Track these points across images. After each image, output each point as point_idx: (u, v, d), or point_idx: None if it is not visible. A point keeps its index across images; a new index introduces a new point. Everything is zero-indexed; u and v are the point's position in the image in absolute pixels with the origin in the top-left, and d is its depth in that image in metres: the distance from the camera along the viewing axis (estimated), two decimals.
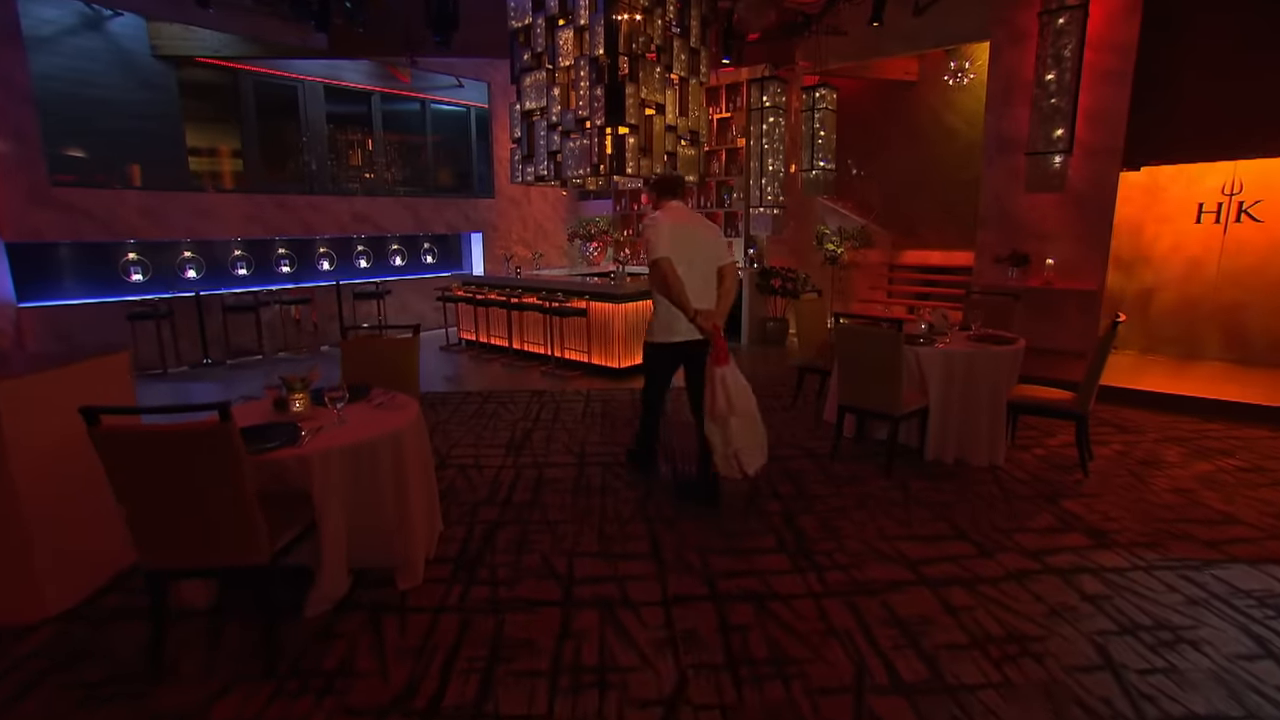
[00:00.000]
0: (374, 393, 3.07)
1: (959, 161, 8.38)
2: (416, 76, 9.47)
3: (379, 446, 2.55)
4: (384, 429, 2.59)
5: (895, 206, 9.15)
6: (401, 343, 3.48)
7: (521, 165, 7.34)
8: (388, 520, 2.68)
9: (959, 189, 8.44)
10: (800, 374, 5.23)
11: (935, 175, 7.89)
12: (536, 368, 7.06)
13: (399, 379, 3.40)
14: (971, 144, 8.49)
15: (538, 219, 10.75)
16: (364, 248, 9.20)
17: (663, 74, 6.78)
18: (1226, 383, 5.46)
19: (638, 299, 6.64)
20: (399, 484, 2.65)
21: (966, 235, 8.06)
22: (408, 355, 3.45)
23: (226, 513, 2.08)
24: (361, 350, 3.48)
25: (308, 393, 2.72)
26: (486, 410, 5.37)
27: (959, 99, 8.54)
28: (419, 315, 9.48)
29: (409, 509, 2.70)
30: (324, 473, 2.36)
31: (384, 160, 9.46)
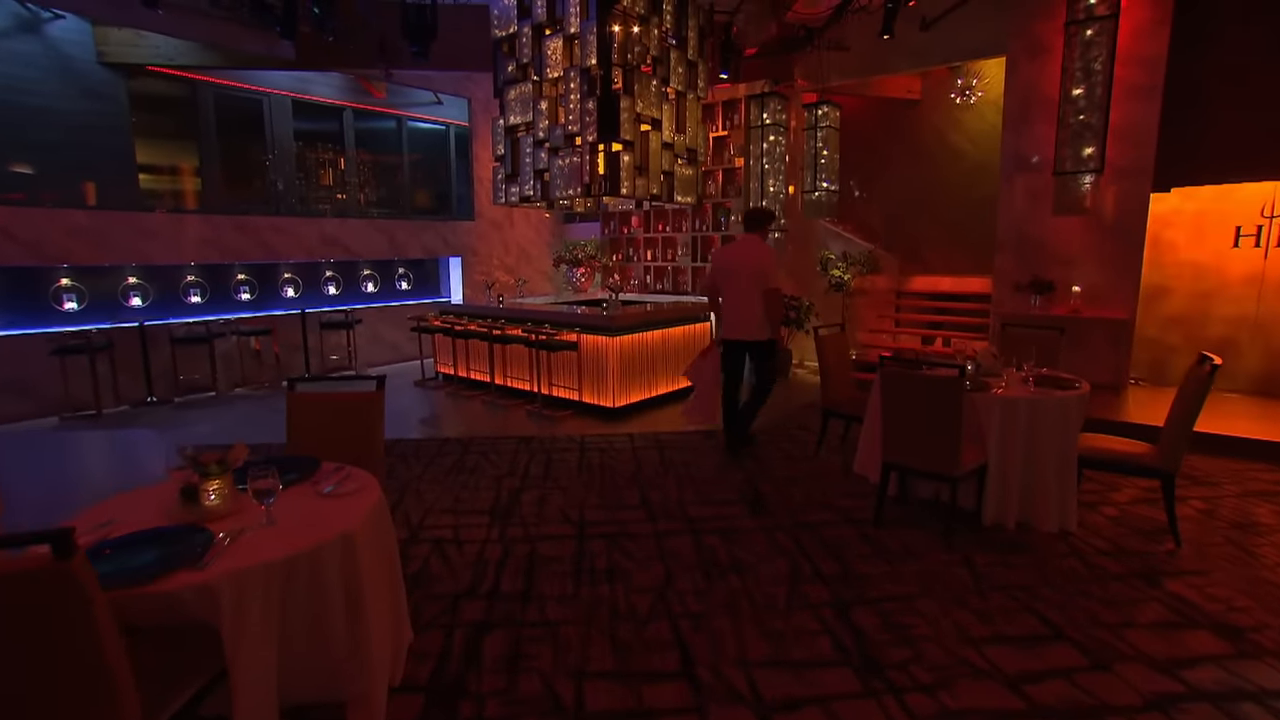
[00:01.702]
0: (323, 469, 2.37)
1: (965, 183, 7.96)
2: (392, 92, 8.85)
3: (323, 556, 1.85)
4: (330, 530, 1.89)
5: (898, 230, 8.68)
6: (361, 401, 2.79)
7: (505, 185, 6.74)
8: (337, 648, 1.97)
9: (966, 212, 8.01)
10: (825, 418, 4.62)
11: (940, 197, 7.46)
12: (522, 406, 6.37)
13: (358, 446, 2.71)
14: (979, 165, 8.07)
15: (520, 243, 10.13)
16: (333, 273, 8.50)
17: (659, 87, 6.25)
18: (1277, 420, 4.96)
19: (635, 330, 6.02)
20: (352, 602, 1.95)
21: (975, 260, 7.61)
22: (369, 416, 2.76)
23: (77, 688, 1.37)
24: (311, 409, 2.78)
25: (228, 476, 2.02)
26: (467, 463, 4.66)
27: (965, 118, 8.14)
28: (392, 346, 8.76)
29: (365, 631, 1.99)
30: (237, 605, 1.66)
31: (357, 180, 8.79)
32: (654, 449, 4.96)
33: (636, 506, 3.86)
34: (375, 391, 2.80)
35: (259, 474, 1.91)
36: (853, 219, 8.39)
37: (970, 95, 7.87)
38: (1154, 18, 5.18)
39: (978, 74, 7.85)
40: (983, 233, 7.82)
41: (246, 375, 7.32)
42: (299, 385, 2.82)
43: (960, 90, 7.96)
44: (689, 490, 4.12)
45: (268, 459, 2.32)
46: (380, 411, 2.79)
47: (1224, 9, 5.25)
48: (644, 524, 3.62)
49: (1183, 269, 6.06)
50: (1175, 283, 6.11)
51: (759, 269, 4.37)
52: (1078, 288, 5.72)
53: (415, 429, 5.65)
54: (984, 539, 3.38)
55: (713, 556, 3.24)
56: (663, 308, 6.73)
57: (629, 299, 8.03)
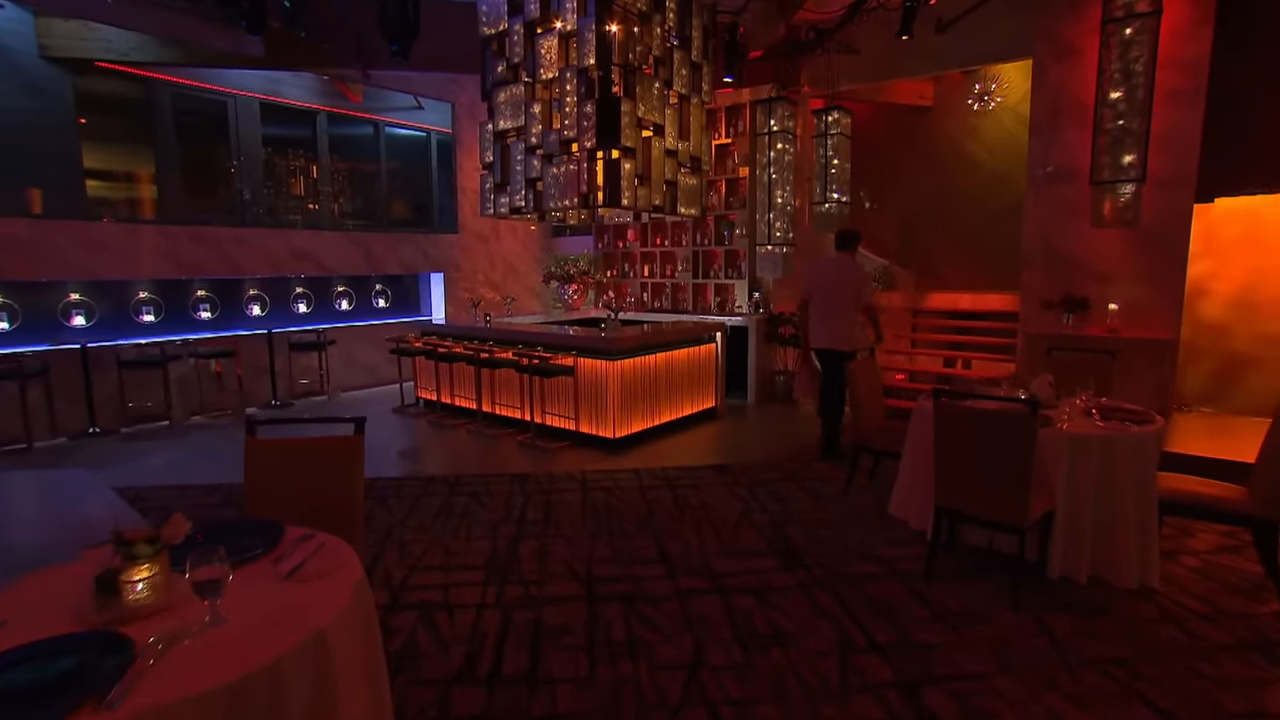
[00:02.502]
0: (287, 538, 1.96)
1: (982, 194, 7.77)
2: (369, 95, 8.50)
3: (286, 671, 1.44)
4: (296, 630, 1.50)
5: (911, 244, 8.46)
6: (335, 448, 2.40)
7: (494, 195, 6.41)
8: None
9: (983, 224, 7.82)
10: (855, 454, 4.28)
11: (956, 209, 7.27)
12: (512, 437, 5.98)
13: (332, 504, 2.32)
14: (996, 174, 7.89)
15: (507, 257, 9.77)
16: (304, 290, 8.09)
17: (661, 90, 5.97)
18: None
19: (636, 354, 5.67)
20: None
21: (995, 275, 7.40)
22: (345, 468, 2.37)
23: None
24: (275, 458, 2.38)
25: (162, 558, 1.61)
26: (455, 505, 4.25)
27: (981, 125, 7.97)
28: (368, 369, 8.33)
29: None
30: None
31: (330, 189, 8.41)
32: (664, 487, 4.60)
33: (653, 559, 3.48)
34: (353, 436, 2.40)
35: (202, 559, 1.50)
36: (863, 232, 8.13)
37: (989, 101, 7.70)
38: (1195, 17, 5.00)
39: (996, 78, 7.69)
40: (1002, 246, 7.62)
41: (205, 402, 6.84)
42: (260, 428, 2.41)
43: (977, 96, 7.79)
44: (710, 538, 3.75)
45: (218, 525, 1.92)
46: (359, 461, 2.39)
47: (1273, 11, 5.08)
48: (663, 581, 3.25)
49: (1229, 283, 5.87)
50: (1216, 294, 5.92)
51: (850, 288, 4.97)
52: (1114, 305, 5.47)
53: (395, 464, 5.24)
54: (1054, 596, 3.04)
55: (748, 623, 2.86)
56: (665, 328, 6.42)
57: (628, 319, 7.70)
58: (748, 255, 7.84)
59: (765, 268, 7.55)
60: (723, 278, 8.08)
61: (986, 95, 7.72)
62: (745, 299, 7.86)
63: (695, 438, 6.03)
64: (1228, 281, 5.97)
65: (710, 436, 6.11)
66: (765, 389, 7.55)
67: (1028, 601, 2.98)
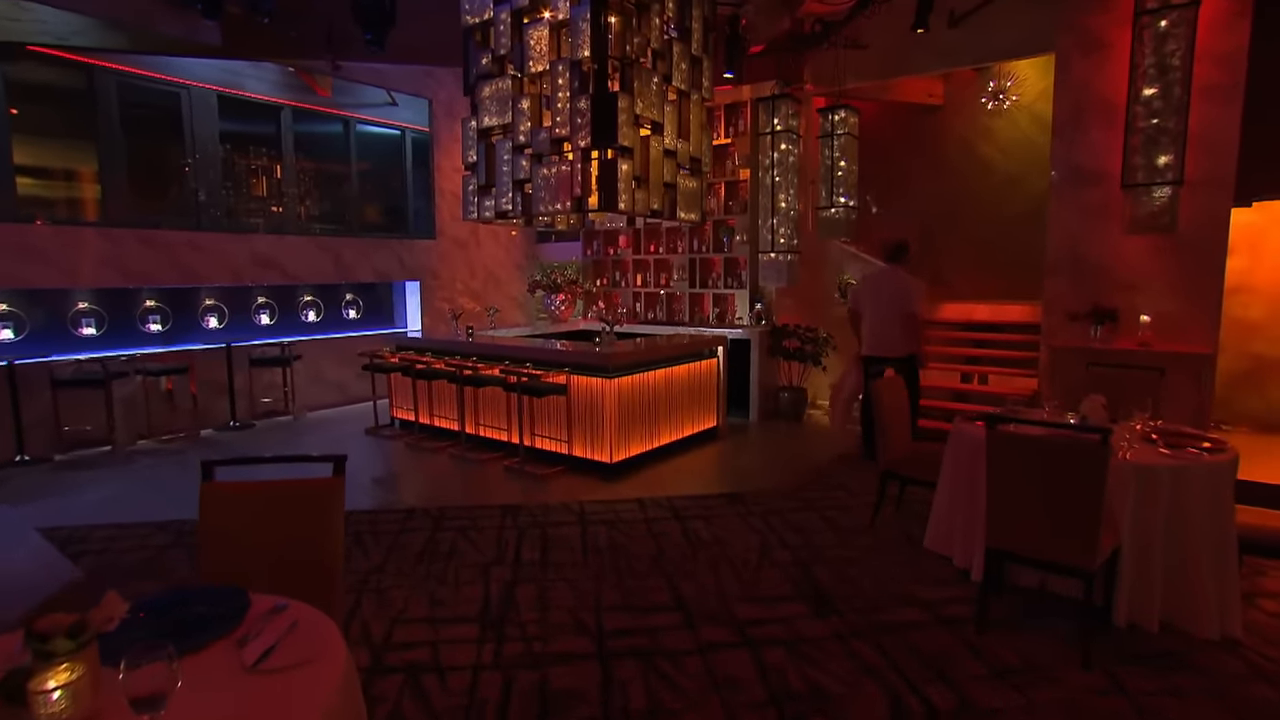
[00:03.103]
0: (253, 612, 1.67)
1: (995, 198, 7.68)
2: (339, 89, 8.20)
3: None
4: None
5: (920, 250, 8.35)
6: (310, 493, 2.11)
7: (477, 197, 6.15)
8: None
9: (998, 230, 7.72)
10: (883, 482, 4.06)
11: (968, 214, 7.18)
12: (498, 461, 5.69)
13: (305, 560, 2.03)
14: (1010, 177, 7.80)
15: (488, 265, 9.51)
16: (266, 299, 7.76)
17: (660, 85, 5.77)
18: None
19: (635, 370, 5.44)
20: None
21: (1011, 284, 7.28)
22: (323, 518, 2.08)
23: None
24: (237, 508, 2.08)
25: (87, 654, 1.31)
26: (440, 543, 3.95)
27: (994, 125, 7.90)
28: (338, 386, 8.01)
29: None
30: None
31: (296, 191, 8.08)
32: (671, 519, 4.34)
33: (668, 606, 3.22)
34: (331, 479, 2.11)
35: (142, 659, 1.21)
36: (869, 238, 8.00)
37: (1003, 99, 7.62)
38: (1232, 9, 4.91)
39: (1011, 75, 7.61)
40: (1018, 254, 7.53)
41: (154, 424, 6.45)
42: (220, 470, 2.11)
43: (992, 94, 7.72)
44: (728, 579, 3.49)
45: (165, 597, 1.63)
46: (338, 509, 2.10)
47: None
48: (682, 632, 2.99)
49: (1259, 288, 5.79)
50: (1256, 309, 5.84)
51: (901, 296, 5.25)
52: (1146, 317, 5.34)
53: (370, 494, 4.92)
54: (1124, 648, 2.82)
55: (782, 684, 2.61)
56: (664, 342, 6.19)
57: (623, 332, 7.46)
58: (749, 263, 7.66)
59: (768, 276, 7.37)
60: (722, 287, 7.88)
61: (1001, 94, 7.64)
62: (746, 310, 7.66)
63: (698, 461, 5.81)
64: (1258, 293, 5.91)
65: (714, 459, 5.89)
66: (769, 406, 7.35)
67: (1095, 654, 2.76)
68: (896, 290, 5.29)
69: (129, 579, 3.53)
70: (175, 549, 3.90)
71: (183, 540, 4.01)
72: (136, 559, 3.77)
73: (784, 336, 7.27)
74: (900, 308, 5.22)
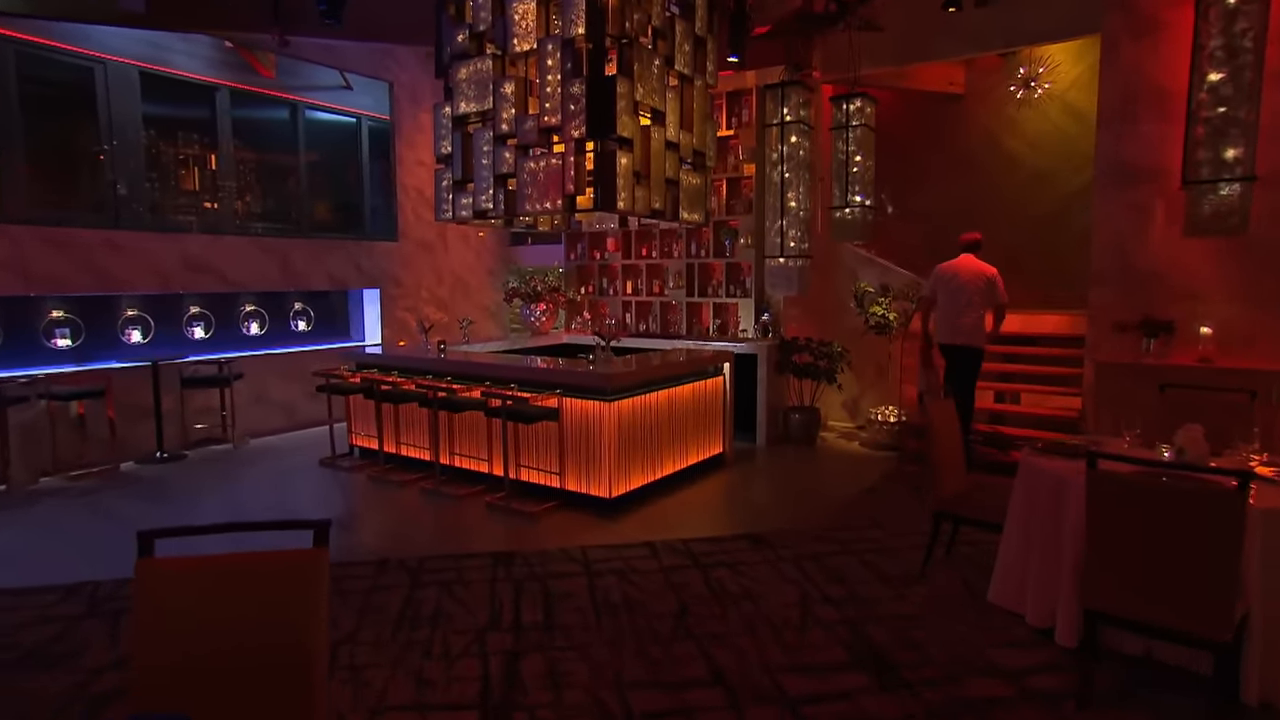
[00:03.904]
0: None
1: (1023, 197, 7.60)
2: (285, 69, 7.82)
3: None
4: None
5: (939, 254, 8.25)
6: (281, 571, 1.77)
7: (452, 194, 5.88)
8: None
9: (1026, 233, 7.61)
10: (936, 523, 3.82)
11: (992, 214, 7.07)
12: (479, 497, 5.36)
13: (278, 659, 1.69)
14: (1040, 174, 7.73)
15: (457, 270, 9.21)
16: (201, 309, 7.35)
17: (662, 68, 5.55)
18: None
19: (637, 391, 5.19)
20: None
21: (1043, 292, 7.15)
22: (301, 602, 1.74)
23: None
24: (183, 592, 1.73)
25: None
26: (422, 604, 3.59)
27: (1022, 116, 7.82)
28: (285, 408, 7.62)
29: None
30: None
31: (234, 184, 7.67)
32: (690, 567, 4.05)
33: (704, 681, 2.91)
34: (312, 550, 1.78)
35: None
36: (884, 241, 7.86)
37: (1035, 88, 7.55)
38: None
39: (1043, 61, 7.55)
40: (1048, 258, 7.44)
41: (61, 457, 5.97)
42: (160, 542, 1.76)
43: (1021, 82, 7.64)
44: (770, 643, 3.20)
45: None
46: (321, 591, 1.77)
47: None
48: (724, 715, 2.69)
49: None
50: None
51: (978, 283, 5.80)
52: (1207, 329, 5.23)
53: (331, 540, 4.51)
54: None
55: None
56: (667, 359, 5.94)
57: (630, 346, 7.22)
58: (754, 269, 7.45)
59: (776, 284, 7.15)
60: (723, 296, 7.66)
61: (1032, 81, 7.57)
62: (751, 321, 7.44)
63: (706, 494, 5.57)
64: None
65: (724, 492, 5.66)
66: (777, 429, 7.12)
67: None
68: (977, 275, 5.82)
69: (25, 669, 3.04)
70: (90, 620, 3.45)
71: (100, 609, 3.57)
72: (36, 638, 3.28)
73: (794, 351, 7.06)
74: (983, 294, 5.78)
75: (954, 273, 5.93)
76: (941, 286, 5.97)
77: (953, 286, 5.89)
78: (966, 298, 5.82)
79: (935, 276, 6.06)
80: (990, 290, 5.78)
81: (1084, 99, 7.26)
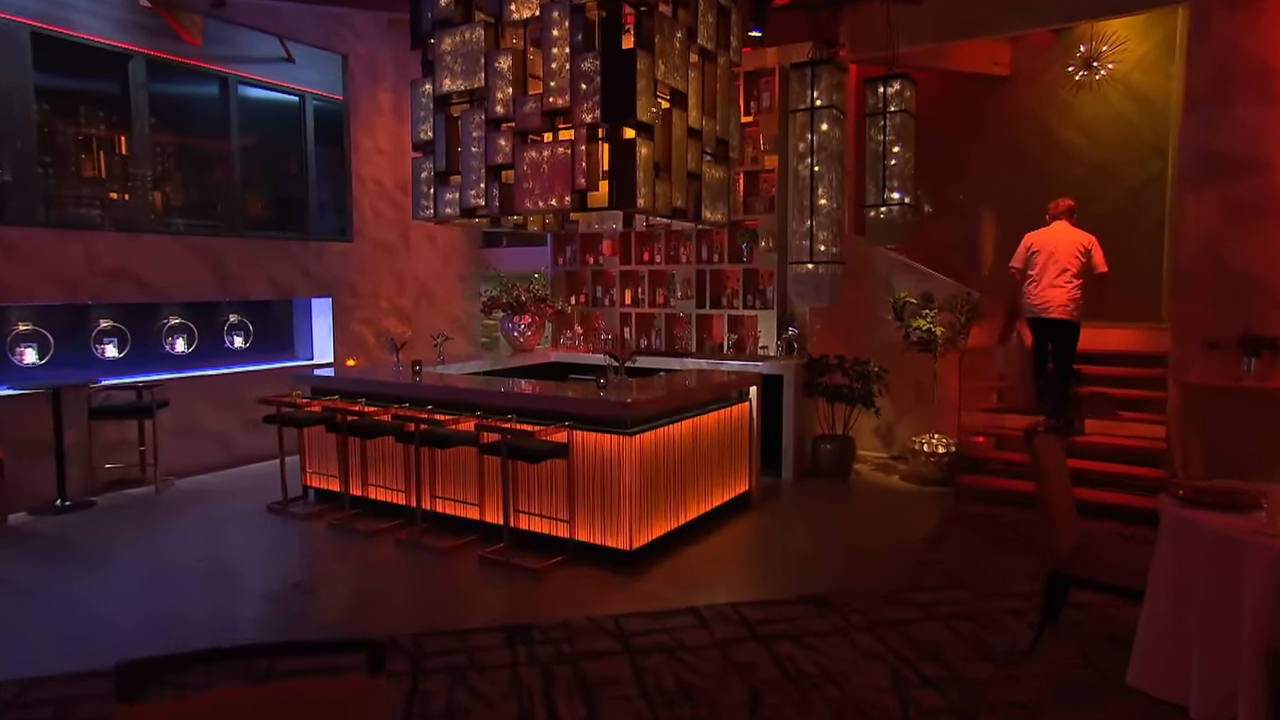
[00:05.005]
0: None
1: (1080, 193, 7.41)
2: (215, 36, 7.50)
3: None
4: None
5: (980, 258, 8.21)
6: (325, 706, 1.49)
7: (434, 188, 5.71)
8: None
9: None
10: (1051, 588, 3.63)
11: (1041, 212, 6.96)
12: (469, 550, 5.10)
13: None
14: (1099, 167, 7.74)
15: (421, 276, 9.02)
16: (113, 324, 7.02)
17: (684, 42, 5.39)
18: None
19: (661, 422, 5.01)
20: None
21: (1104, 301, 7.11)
22: None
23: None
24: None
25: None
26: (431, 702, 3.24)
27: (1077, 101, 7.82)
28: (220, 442, 7.34)
29: None
30: None
31: (151, 172, 7.32)
32: (748, 639, 3.80)
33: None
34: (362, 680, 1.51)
35: None
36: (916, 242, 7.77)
37: (1097, 68, 7.57)
38: None
39: (1107, 38, 7.58)
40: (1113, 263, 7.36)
41: None
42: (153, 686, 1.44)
43: (1082, 61, 7.64)
44: None
45: None
46: None
47: None
48: None
49: None
50: None
51: (1079, 251, 6.12)
52: None
53: (298, 613, 4.19)
54: None
55: None
56: (683, 381, 5.79)
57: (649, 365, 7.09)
58: (776, 277, 7.31)
59: (804, 294, 6.94)
60: (739, 307, 7.49)
61: (1094, 60, 7.59)
62: (772, 337, 7.26)
63: (737, 542, 5.43)
64: None
65: (757, 540, 5.52)
66: (804, 461, 6.95)
67: None
68: (1074, 246, 6.13)
69: None
70: None
71: None
72: None
73: (823, 370, 6.91)
74: (1077, 266, 6.11)
75: (1048, 241, 6.22)
76: (1034, 257, 6.26)
77: (1047, 256, 6.17)
78: (1063, 268, 6.10)
79: (1025, 246, 6.36)
80: (1088, 259, 6.10)
81: (1150, 81, 7.30)
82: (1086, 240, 6.16)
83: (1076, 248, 6.14)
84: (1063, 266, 6.12)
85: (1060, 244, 6.18)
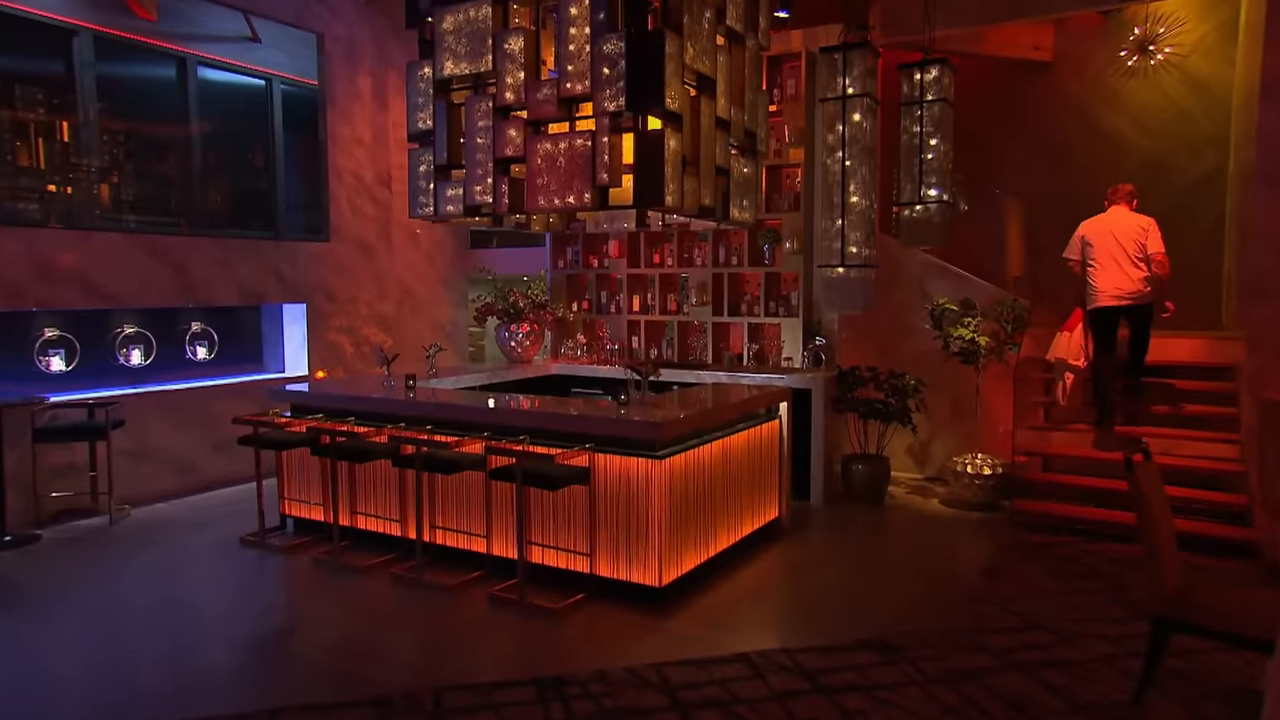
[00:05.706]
0: None
1: None
2: (171, 11, 7.44)
3: None
4: None
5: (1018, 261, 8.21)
6: None
7: (433, 183, 5.69)
8: None
9: None
10: (1158, 634, 3.55)
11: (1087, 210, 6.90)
12: (476, 587, 5.01)
13: None
14: (1152, 161, 7.78)
15: (403, 279, 8.99)
16: (60, 333, 6.91)
17: (713, 23, 5.36)
18: None
19: (690, 444, 4.93)
20: None
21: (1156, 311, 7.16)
22: None
23: None
24: None
25: None
26: None
27: (1127, 89, 7.85)
28: (182, 464, 7.29)
29: None
30: None
31: (98, 163, 7.26)
32: (811, 692, 3.66)
33: None
34: None
35: None
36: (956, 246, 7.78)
37: (1154, 52, 7.59)
38: None
39: (1164, 20, 7.61)
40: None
41: None
42: None
43: (1135, 45, 7.65)
44: None
45: None
46: None
47: None
48: None
49: None
50: None
51: (1139, 233, 6.29)
52: None
53: (285, 663, 4.02)
54: None
55: None
56: (709, 397, 5.73)
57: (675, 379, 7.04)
58: (801, 281, 7.27)
59: (834, 300, 6.89)
60: (760, 315, 7.43)
61: (1150, 43, 7.61)
62: (797, 347, 7.20)
63: (773, 576, 5.40)
64: None
65: (795, 573, 5.48)
66: (835, 484, 6.90)
67: None
68: (1133, 228, 6.32)
69: None
70: None
71: None
72: None
73: (855, 384, 6.86)
74: (1139, 248, 6.29)
75: (1104, 228, 6.42)
76: (1088, 248, 6.47)
77: (1106, 242, 6.37)
78: (1125, 252, 6.32)
79: (1079, 236, 6.56)
80: (1148, 239, 6.27)
81: (1209, 67, 7.36)
82: (1145, 222, 6.32)
83: (1136, 230, 6.31)
84: (1125, 250, 6.31)
85: (1119, 229, 6.34)
